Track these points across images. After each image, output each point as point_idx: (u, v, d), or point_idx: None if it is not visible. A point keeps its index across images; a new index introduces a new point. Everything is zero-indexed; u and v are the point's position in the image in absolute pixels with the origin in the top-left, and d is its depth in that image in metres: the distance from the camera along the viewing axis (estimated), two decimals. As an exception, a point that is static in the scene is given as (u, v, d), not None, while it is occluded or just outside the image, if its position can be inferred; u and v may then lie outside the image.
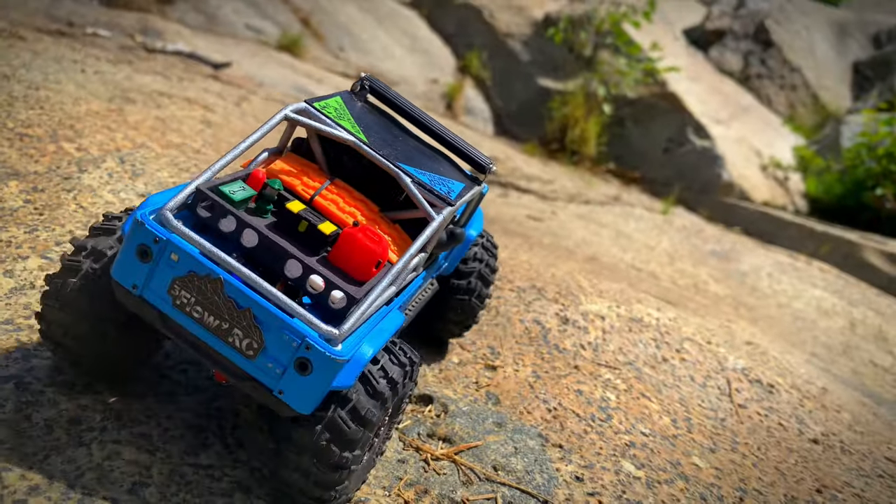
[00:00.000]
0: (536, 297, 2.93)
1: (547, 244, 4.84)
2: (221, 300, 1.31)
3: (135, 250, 1.33)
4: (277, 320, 1.30)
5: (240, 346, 1.33)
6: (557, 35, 12.50)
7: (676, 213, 10.89)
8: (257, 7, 11.44)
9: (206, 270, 1.31)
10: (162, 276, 1.33)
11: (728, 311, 5.18)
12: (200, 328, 1.34)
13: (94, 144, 3.15)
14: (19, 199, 2.22)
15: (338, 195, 1.63)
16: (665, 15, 15.28)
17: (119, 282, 1.36)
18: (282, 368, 1.32)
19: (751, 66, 15.57)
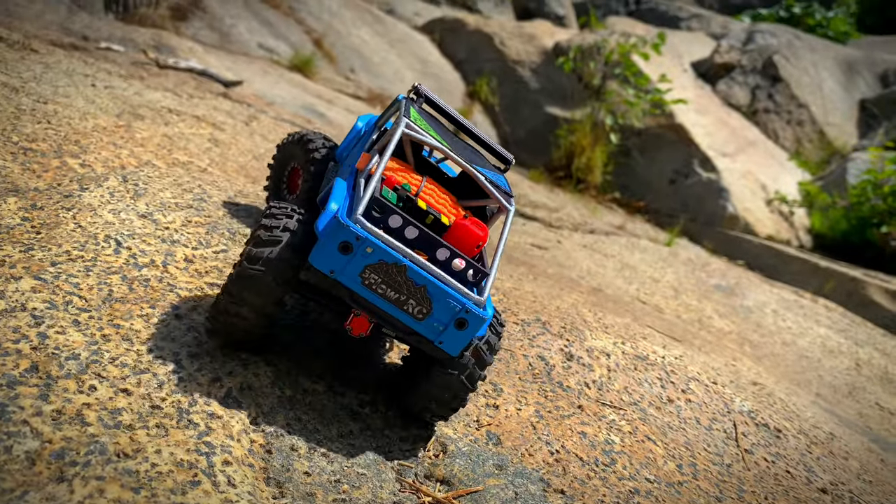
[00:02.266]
0: (541, 331, 2.87)
1: (551, 274, 4.79)
2: (403, 280, 1.76)
3: (337, 245, 1.72)
4: (446, 293, 1.78)
5: (412, 312, 1.80)
6: (567, 64, 12.55)
7: (681, 245, 10.84)
8: (271, 27, 11.53)
9: (393, 259, 1.74)
10: (356, 263, 1.74)
11: (733, 348, 5.10)
12: (383, 300, 1.78)
13: (98, 161, 3.11)
14: (17, 216, 2.17)
15: (432, 189, 2.09)
16: (674, 47, 15.36)
17: (317, 268, 1.74)
18: (443, 326, 1.82)
19: (758, 100, 15.61)
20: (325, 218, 1.78)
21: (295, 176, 2.71)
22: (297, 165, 2.67)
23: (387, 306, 1.79)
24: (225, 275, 2.30)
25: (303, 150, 2.57)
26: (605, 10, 18.74)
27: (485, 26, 14.34)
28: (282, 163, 2.78)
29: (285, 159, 2.76)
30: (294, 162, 2.68)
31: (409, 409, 2.03)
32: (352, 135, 2.55)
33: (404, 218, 1.83)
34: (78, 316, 1.86)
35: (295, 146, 2.65)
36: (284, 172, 2.78)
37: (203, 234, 2.43)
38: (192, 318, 2.04)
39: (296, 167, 2.69)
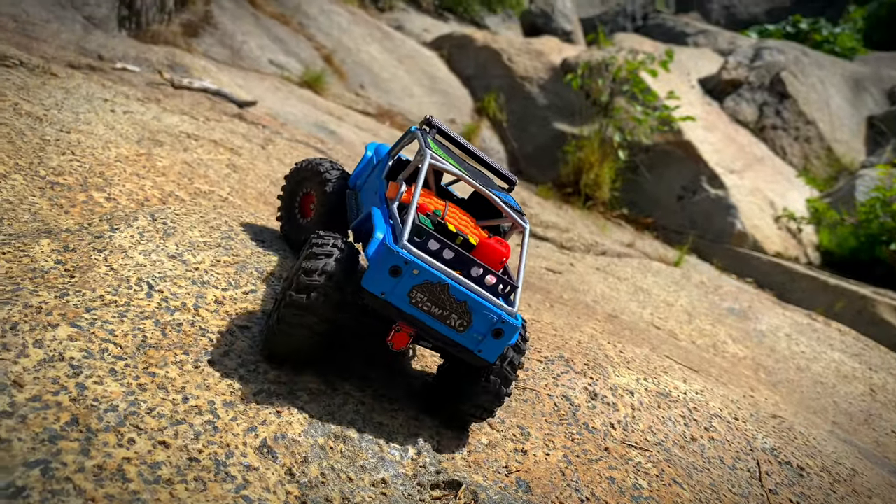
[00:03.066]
0: (564, 368, 2.87)
1: (567, 300, 4.79)
2: (446, 297, 1.96)
3: (388, 269, 1.90)
4: (484, 307, 1.99)
5: (454, 325, 2.00)
6: (575, 81, 12.59)
7: (690, 263, 10.83)
8: (281, 43, 11.60)
9: (437, 279, 1.94)
10: (405, 285, 1.93)
11: (748, 376, 5.09)
12: (428, 316, 1.98)
13: (123, 194, 3.13)
14: (50, 259, 2.18)
15: (455, 212, 2.34)
16: (681, 63, 15.41)
17: (370, 290, 1.93)
18: (482, 336, 2.01)
19: (766, 117, 15.63)
20: (373, 245, 1.97)
21: (307, 202, 2.81)
22: (309, 192, 2.78)
23: (432, 321, 1.99)
24: (255, 316, 2.30)
25: (316, 179, 2.71)
26: (613, 26, 18.82)
27: (493, 42, 14.41)
28: (293, 190, 2.85)
29: (296, 186, 2.83)
30: (306, 188, 2.79)
31: (451, 415, 2.23)
32: (363, 163, 2.70)
33: (441, 241, 2.03)
34: (114, 364, 1.87)
35: (307, 174, 2.76)
36: (296, 199, 2.85)
37: (232, 273, 2.44)
38: (224, 364, 2.04)
39: (308, 193, 2.79)
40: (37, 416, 1.63)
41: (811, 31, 19.31)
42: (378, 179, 2.45)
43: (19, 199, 2.69)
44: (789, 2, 22.13)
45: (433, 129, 2.51)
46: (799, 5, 21.87)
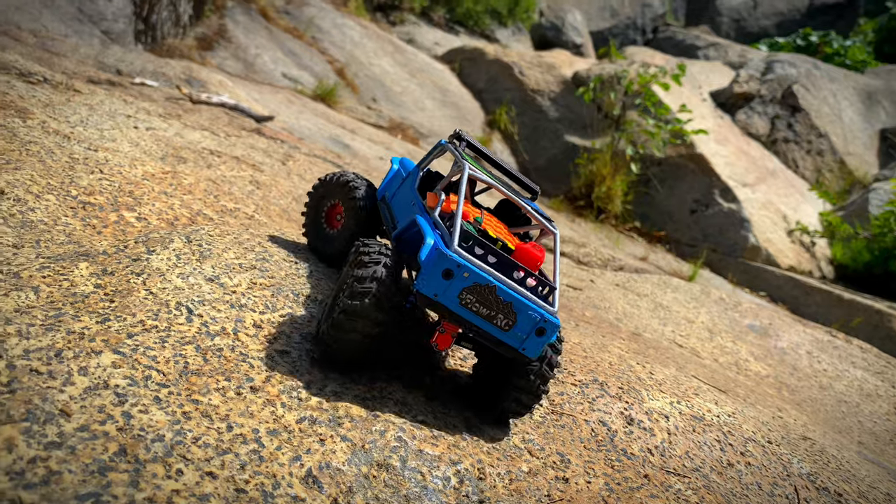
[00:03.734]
0: (599, 393, 2.83)
1: (590, 318, 4.75)
2: (493, 298, 2.06)
3: (441, 272, 2.00)
4: (528, 307, 2.08)
5: (500, 325, 2.09)
6: (587, 94, 12.60)
7: (705, 278, 10.77)
8: (294, 56, 11.65)
9: (485, 281, 2.04)
10: (455, 287, 2.03)
11: (773, 395, 5.04)
12: (477, 316, 2.07)
13: (153, 213, 3.13)
14: (90, 283, 2.17)
15: (490, 219, 2.46)
16: (693, 77, 15.40)
17: (423, 293, 2.03)
18: (525, 335, 2.12)
19: (778, 130, 15.58)
20: (426, 250, 2.06)
21: (333, 213, 2.87)
22: (335, 204, 2.85)
23: (480, 321, 2.09)
24: (293, 340, 2.28)
25: (344, 191, 2.79)
26: (623, 39, 18.84)
27: (504, 56, 14.44)
28: (318, 201, 2.91)
29: (322, 198, 2.90)
30: (332, 200, 2.86)
31: (491, 411, 2.35)
32: (390, 175, 2.81)
33: (485, 246, 2.12)
34: (158, 392, 1.84)
35: (333, 186, 2.85)
36: (322, 211, 2.91)
37: (269, 296, 2.42)
38: (266, 391, 2.02)
39: (334, 205, 2.86)
40: (85, 446, 1.60)
41: (822, 44, 19.30)
42: (411, 191, 2.53)
43: (53, 220, 2.69)
44: (799, 15, 22.13)
45: (462, 142, 2.61)
46: (809, 18, 21.86)
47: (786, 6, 22.44)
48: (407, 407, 2.24)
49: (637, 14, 18.92)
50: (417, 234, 2.28)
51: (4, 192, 2.67)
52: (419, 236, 2.26)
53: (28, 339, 1.84)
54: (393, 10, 15.71)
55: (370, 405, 2.16)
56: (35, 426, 1.60)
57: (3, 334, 1.82)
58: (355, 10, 14.50)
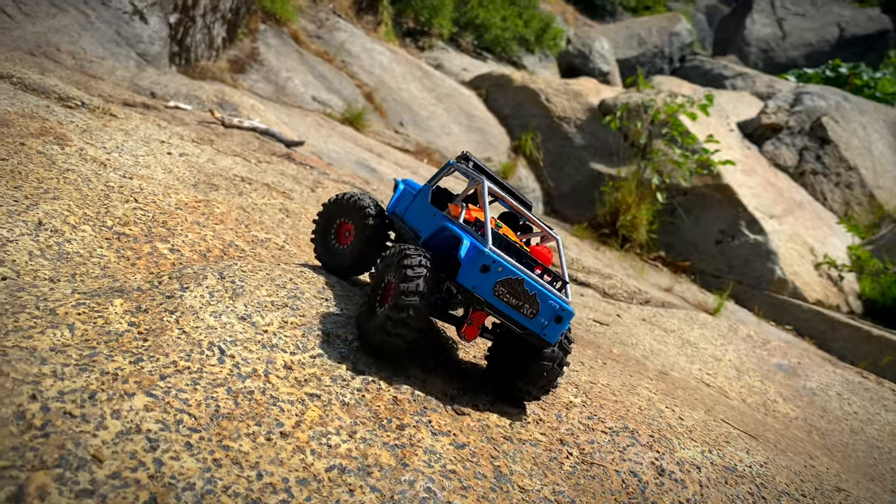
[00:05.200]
0: (630, 441, 2.77)
1: (617, 355, 4.68)
2: (521, 290, 2.37)
3: (479, 267, 2.32)
4: (549, 297, 2.42)
5: (526, 313, 2.40)
6: (614, 123, 12.57)
7: (730, 310, 10.60)
8: (324, 80, 11.78)
9: (515, 275, 2.36)
10: (490, 280, 2.33)
11: (803, 439, 4.91)
12: (507, 306, 2.38)
13: (186, 245, 3.14)
14: (124, 321, 2.18)
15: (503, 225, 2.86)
16: (720, 107, 15.31)
17: (464, 285, 2.34)
18: (547, 322, 2.43)
19: (806, 161, 15.41)
20: (465, 249, 2.36)
21: (342, 230, 3.10)
22: (345, 221, 3.08)
23: (509, 310, 2.39)
24: (324, 383, 2.26)
25: (355, 210, 3.02)
26: (650, 67, 18.83)
27: (531, 83, 14.49)
28: (328, 219, 3.13)
29: (332, 216, 3.11)
30: (342, 218, 3.08)
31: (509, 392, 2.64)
32: (398, 193, 3.08)
33: (511, 246, 2.47)
34: (189, 437, 1.83)
35: (345, 206, 3.07)
36: (332, 227, 3.12)
37: (299, 336, 2.41)
38: (296, 437, 2.00)
39: (344, 223, 3.09)
40: (117, 494, 1.59)
41: (851, 76, 19.13)
42: (424, 204, 2.83)
43: (89, 252, 2.71)
44: (829, 46, 21.98)
45: (469, 162, 2.93)
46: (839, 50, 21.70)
47: (815, 37, 22.29)
48: (436, 456, 2.20)
49: (665, 43, 18.91)
50: (447, 238, 2.57)
51: (42, 224, 2.71)
52: (449, 240, 2.56)
53: (62, 380, 1.84)
54: (422, 36, 15.86)
55: (399, 453, 2.13)
56: (68, 473, 1.60)
57: (39, 375, 1.83)
58: (385, 35, 14.67)
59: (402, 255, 2.38)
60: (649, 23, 19.98)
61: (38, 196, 2.97)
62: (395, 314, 2.29)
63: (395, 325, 2.32)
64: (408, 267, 2.32)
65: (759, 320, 11.07)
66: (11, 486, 1.50)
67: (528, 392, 2.61)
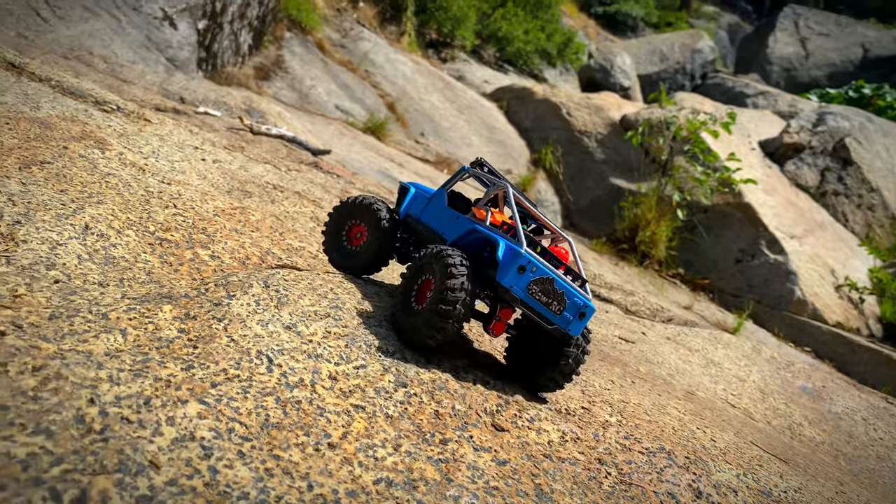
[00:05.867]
0: (667, 462, 2.75)
1: (644, 374, 4.66)
2: (551, 288, 2.54)
3: (517, 268, 2.47)
4: (575, 295, 2.59)
5: (554, 310, 2.56)
6: (636, 138, 12.55)
7: (749, 330, 10.52)
8: (348, 89, 11.86)
9: (547, 275, 2.53)
10: (525, 278, 2.50)
11: (830, 464, 4.86)
12: (538, 303, 2.54)
13: (225, 252, 3.17)
14: (174, 327, 2.19)
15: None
16: (742, 125, 15.25)
17: (503, 284, 2.49)
18: (572, 317, 2.61)
19: (828, 182, 15.31)
20: (503, 250, 2.51)
21: (354, 231, 3.17)
22: (358, 223, 3.15)
23: (540, 307, 2.55)
24: (368, 394, 2.27)
25: (367, 213, 3.09)
26: (671, 83, 18.80)
27: (552, 96, 14.51)
28: (340, 220, 3.19)
29: (344, 217, 3.18)
30: (354, 220, 3.16)
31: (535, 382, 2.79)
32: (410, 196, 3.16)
33: (540, 247, 2.63)
34: (242, 446, 1.84)
35: (356, 209, 3.14)
36: (343, 228, 3.19)
37: (343, 347, 2.42)
38: (343, 448, 2.00)
39: (355, 225, 3.16)
40: (175, 501, 1.60)
41: (875, 97, 19.00)
42: (443, 207, 2.95)
43: (134, 257, 2.74)
44: (853, 67, 21.87)
45: (484, 167, 3.07)
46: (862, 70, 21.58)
47: (838, 57, 22.19)
48: (479, 472, 2.20)
49: (686, 60, 18.89)
50: (476, 240, 2.69)
51: (89, 228, 2.74)
52: (478, 242, 2.69)
53: (118, 386, 1.86)
54: (444, 48, 15.94)
55: (443, 468, 2.13)
56: (127, 478, 1.61)
57: (96, 379, 1.85)
58: (408, 45, 14.76)
59: (445, 255, 2.48)
60: (671, 39, 19.98)
61: (84, 200, 3.00)
62: (441, 311, 2.42)
63: (441, 321, 2.45)
64: (451, 266, 2.44)
65: (779, 342, 10.97)
66: (75, 490, 1.52)
67: (552, 381, 2.75)
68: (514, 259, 2.47)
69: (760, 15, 32.78)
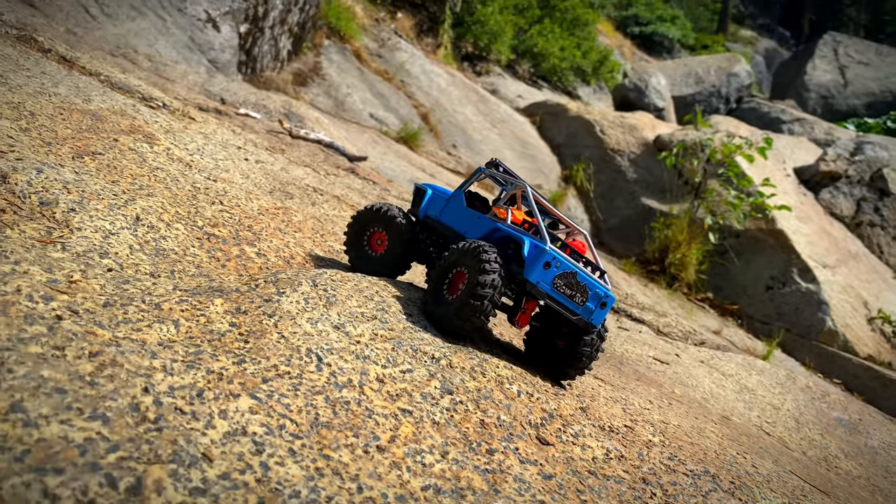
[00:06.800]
0: (712, 486, 2.68)
1: (680, 396, 4.57)
2: (574, 282, 2.68)
3: (542, 264, 2.62)
4: (596, 287, 2.73)
5: (577, 301, 2.71)
6: (669, 159, 12.44)
7: (778, 359, 10.31)
8: (382, 98, 11.92)
9: (570, 269, 2.67)
10: (550, 273, 2.64)
11: (867, 499, 4.71)
12: (563, 296, 2.68)
13: (271, 250, 3.17)
14: (225, 321, 2.18)
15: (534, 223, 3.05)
16: (777, 151, 15.05)
17: (530, 280, 2.62)
18: (593, 307, 2.74)
19: (863, 212, 15.04)
20: (528, 248, 2.65)
21: (375, 238, 3.25)
22: (378, 230, 3.23)
23: (565, 300, 2.69)
24: (415, 399, 2.24)
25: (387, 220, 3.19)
26: (706, 106, 18.65)
27: (586, 113, 14.46)
28: (361, 227, 3.26)
29: (364, 225, 3.25)
30: (375, 227, 3.24)
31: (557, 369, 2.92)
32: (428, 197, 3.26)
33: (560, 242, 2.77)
34: (293, 443, 1.81)
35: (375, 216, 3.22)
36: (364, 235, 3.26)
37: (389, 350, 2.39)
38: (392, 452, 1.97)
39: (377, 231, 3.24)
40: (227, 496, 1.57)
41: (913, 128, 18.67)
42: (462, 208, 3.07)
43: (183, 250, 2.74)
44: (892, 96, 21.51)
45: (499, 168, 3.19)
46: (902, 100, 21.24)
47: (878, 87, 21.86)
48: (525, 485, 2.15)
49: (722, 83, 18.73)
50: (500, 238, 2.83)
51: (140, 219, 2.75)
52: (502, 240, 2.81)
53: (172, 376, 1.85)
54: (480, 61, 15.98)
55: (490, 478, 2.09)
56: (181, 469, 1.59)
57: (150, 368, 1.83)
58: (444, 58, 14.82)
59: (479, 250, 2.62)
60: (708, 62, 19.84)
61: (134, 192, 3.02)
62: (473, 304, 2.56)
63: (473, 312, 2.59)
64: (486, 261, 2.58)
65: (808, 371, 10.75)
66: (130, 478, 1.50)
67: (574, 368, 2.89)
68: (540, 256, 2.61)
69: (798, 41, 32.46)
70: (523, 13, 17.51)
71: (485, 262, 2.58)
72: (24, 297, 1.92)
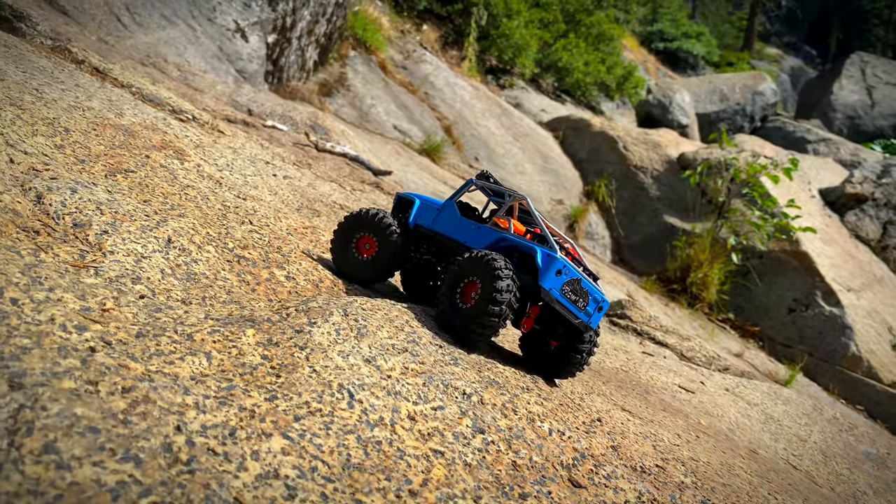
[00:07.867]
0: (748, 534, 2.60)
1: (706, 427, 4.48)
2: (579, 288, 2.83)
3: (555, 271, 2.75)
4: (596, 292, 2.91)
5: (580, 306, 2.86)
6: (693, 178, 12.32)
7: (800, 384, 10.13)
8: (406, 110, 11.93)
9: (577, 276, 2.83)
10: (560, 281, 2.77)
11: (898, 541, 4.59)
12: (569, 301, 2.82)
13: (300, 273, 3.14)
14: (257, 353, 2.15)
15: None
16: (802, 172, 14.86)
17: (544, 287, 2.74)
18: (592, 311, 2.91)
19: (890, 236, 14.80)
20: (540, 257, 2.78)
21: (362, 243, 3.27)
22: (367, 235, 3.25)
23: (570, 305, 2.84)
24: (447, 439, 2.19)
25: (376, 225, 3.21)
26: (730, 124, 18.48)
27: (609, 129, 14.38)
28: (348, 232, 3.28)
29: (352, 229, 3.27)
30: (363, 232, 3.26)
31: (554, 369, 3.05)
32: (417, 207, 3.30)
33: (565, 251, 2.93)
34: (325, 487, 1.77)
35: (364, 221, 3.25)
36: (352, 240, 3.28)
37: (420, 385, 2.35)
38: (424, 497, 1.92)
39: (364, 237, 3.26)
40: (260, 545, 1.53)
41: (942, 150, 18.37)
42: (457, 217, 3.13)
43: (214, 274, 2.72)
44: (921, 118, 21.21)
45: (490, 179, 3.29)
46: (931, 122, 20.90)
47: (906, 108, 21.56)
48: (560, 531, 2.09)
49: (747, 101, 18.56)
50: (506, 248, 2.92)
51: (172, 241, 2.73)
52: (508, 250, 2.92)
53: (204, 414, 1.81)
54: (504, 74, 15.97)
55: (523, 525, 2.03)
56: (214, 515, 1.55)
57: (183, 405, 1.80)
58: (468, 70, 14.82)
59: (491, 260, 2.70)
60: (733, 80, 19.67)
61: (166, 212, 3.01)
62: (490, 310, 2.65)
63: (489, 319, 2.68)
64: (498, 270, 2.67)
65: (832, 398, 10.55)
66: (163, 526, 1.46)
67: (573, 367, 3.02)
68: (552, 264, 2.75)
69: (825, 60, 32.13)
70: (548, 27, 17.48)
71: (497, 269, 2.68)
72: (57, 328, 1.90)
